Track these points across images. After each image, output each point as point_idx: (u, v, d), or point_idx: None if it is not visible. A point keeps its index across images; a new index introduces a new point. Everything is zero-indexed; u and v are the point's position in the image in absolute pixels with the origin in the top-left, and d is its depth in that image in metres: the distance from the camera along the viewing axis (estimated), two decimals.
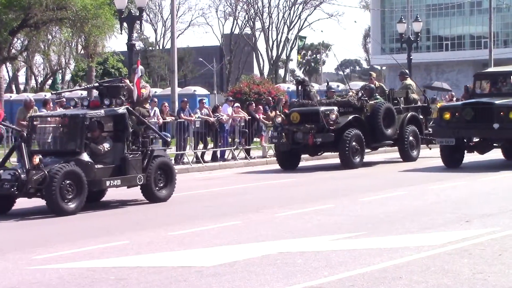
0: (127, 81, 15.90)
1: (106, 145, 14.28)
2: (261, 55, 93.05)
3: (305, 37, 28.06)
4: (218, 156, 24.61)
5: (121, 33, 26.76)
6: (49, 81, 77.71)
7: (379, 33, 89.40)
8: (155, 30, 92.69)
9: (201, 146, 24.37)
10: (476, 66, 66.20)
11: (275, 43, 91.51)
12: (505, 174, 18.54)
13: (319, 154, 23.43)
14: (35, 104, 20.86)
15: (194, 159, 23.68)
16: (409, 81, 25.17)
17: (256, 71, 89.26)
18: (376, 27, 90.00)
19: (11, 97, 50.13)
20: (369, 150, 22.86)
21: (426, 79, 74.87)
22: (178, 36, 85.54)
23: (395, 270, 8.31)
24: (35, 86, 75.31)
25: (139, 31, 68.30)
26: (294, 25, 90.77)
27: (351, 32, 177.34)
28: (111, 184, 14.28)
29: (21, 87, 76.03)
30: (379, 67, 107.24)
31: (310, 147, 21.65)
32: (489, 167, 20.30)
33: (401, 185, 16.56)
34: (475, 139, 20.96)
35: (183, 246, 10.15)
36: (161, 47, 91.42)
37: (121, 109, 14.50)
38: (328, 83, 25.64)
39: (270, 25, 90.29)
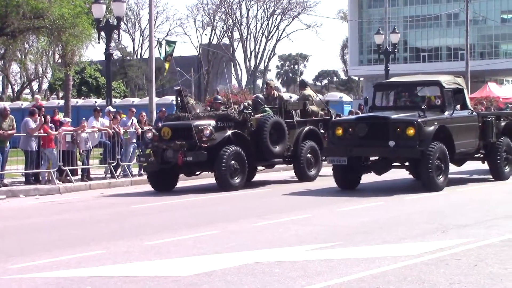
0: None
1: None
2: (239, 65, 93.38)
3: (174, 42, 26.21)
4: None
5: (99, 42, 26.67)
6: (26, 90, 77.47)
7: (357, 44, 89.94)
8: (133, 40, 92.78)
9: None
10: None
11: (253, 53, 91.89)
12: (474, 186, 18.52)
13: (196, 174, 20.82)
14: (11, 113, 20.83)
15: None
16: (308, 91, 22.55)
17: (234, 81, 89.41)
18: (354, 38, 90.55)
19: None
20: (263, 168, 21.32)
21: None
22: (156, 45, 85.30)
23: (372, 280, 8.33)
24: (12, 94, 75.06)
25: (117, 41, 68.29)
26: (272, 35, 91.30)
27: (329, 43, 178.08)
28: None
29: None
30: (357, 78, 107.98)
31: (180, 167, 19.06)
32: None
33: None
34: (372, 158, 18.69)
35: (160, 256, 10.11)
36: (139, 57, 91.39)
37: None
38: (218, 92, 24.04)
39: (248, 36, 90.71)
